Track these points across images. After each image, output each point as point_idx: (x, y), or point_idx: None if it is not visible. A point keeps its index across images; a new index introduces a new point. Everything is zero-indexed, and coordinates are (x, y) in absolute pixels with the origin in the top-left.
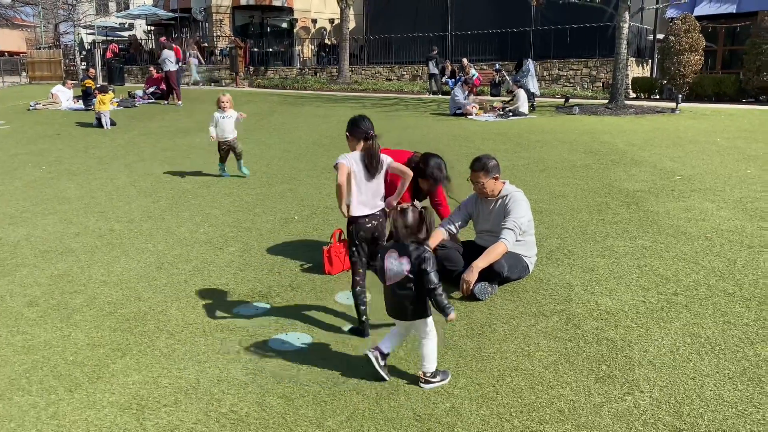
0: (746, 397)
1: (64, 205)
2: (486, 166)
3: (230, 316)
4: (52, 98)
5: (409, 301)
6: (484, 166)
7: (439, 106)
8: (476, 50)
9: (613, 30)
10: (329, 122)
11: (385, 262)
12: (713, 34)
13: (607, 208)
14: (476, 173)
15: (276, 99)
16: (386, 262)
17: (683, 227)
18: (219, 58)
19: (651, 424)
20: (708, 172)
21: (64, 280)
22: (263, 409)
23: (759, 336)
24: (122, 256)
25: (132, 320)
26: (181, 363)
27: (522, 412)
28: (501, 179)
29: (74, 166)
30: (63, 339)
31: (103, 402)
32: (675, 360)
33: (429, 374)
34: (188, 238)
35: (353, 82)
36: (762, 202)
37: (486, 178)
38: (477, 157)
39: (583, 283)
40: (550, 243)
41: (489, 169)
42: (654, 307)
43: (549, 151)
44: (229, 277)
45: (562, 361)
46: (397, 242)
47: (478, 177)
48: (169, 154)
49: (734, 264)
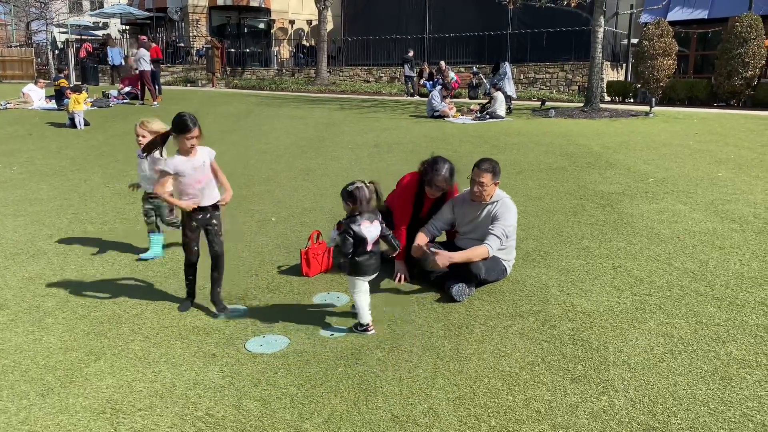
0: (718, 396)
1: (35, 206)
2: (495, 169)
3: (206, 319)
4: (23, 97)
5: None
6: (494, 168)
7: (417, 108)
8: (454, 53)
9: (589, 34)
10: (307, 124)
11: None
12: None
13: (583, 210)
14: (484, 173)
15: (253, 100)
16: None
17: (657, 229)
18: (195, 59)
19: (625, 423)
20: (681, 174)
21: (36, 282)
22: (240, 413)
23: (730, 335)
24: (96, 259)
25: (106, 323)
26: (156, 366)
27: (499, 413)
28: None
29: (46, 166)
30: (34, 343)
31: (76, 407)
32: (649, 360)
33: (360, 326)
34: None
35: (331, 83)
36: (733, 204)
37: (491, 181)
38: (485, 158)
39: (559, 284)
40: (527, 244)
41: (496, 173)
42: (628, 308)
43: (525, 153)
44: (205, 280)
45: (538, 361)
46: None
47: (483, 177)
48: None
49: (706, 265)
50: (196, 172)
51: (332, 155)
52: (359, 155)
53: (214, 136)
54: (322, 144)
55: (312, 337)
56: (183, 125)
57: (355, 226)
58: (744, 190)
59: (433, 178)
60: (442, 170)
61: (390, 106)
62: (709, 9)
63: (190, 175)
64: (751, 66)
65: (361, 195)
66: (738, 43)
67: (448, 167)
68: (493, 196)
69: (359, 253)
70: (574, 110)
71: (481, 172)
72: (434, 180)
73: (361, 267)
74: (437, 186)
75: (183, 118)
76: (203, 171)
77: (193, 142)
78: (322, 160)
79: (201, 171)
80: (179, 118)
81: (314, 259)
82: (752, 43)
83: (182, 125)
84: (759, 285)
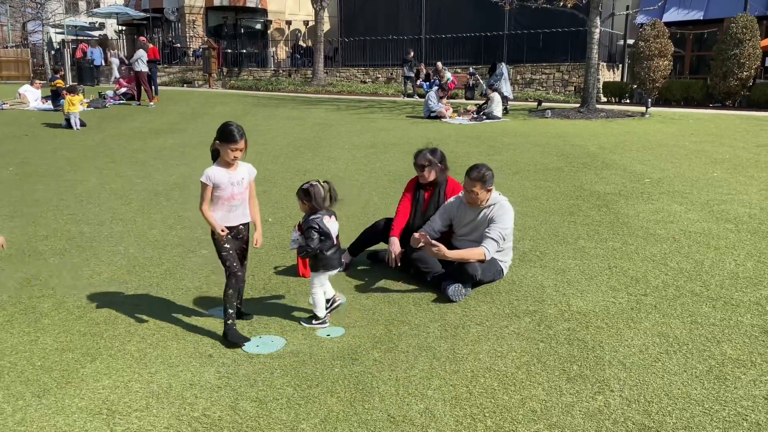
0: (713, 395)
1: (32, 207)
2: (484, 177)
3: (203, 320)
4: (19, 98)
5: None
6: (483, 177)
7: (413, 109)
8: (450, 54)
9: (585, 35)
10: (304, 124)
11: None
12: (681, 40)
13: (579, 210)
14: (473, 182)
15: (250, 100)
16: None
17: (652, 229)
18: (192, 59)
19: (621, 422)
20: (676, 175)
21: (32, 283)
22: (236, 413)
23: (725, 335)
24: (92, 259)
25: (102, 324)
26: (153, 367)
27: (495, 413)
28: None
29: (42, 167)
30: (31, 344)
31: (72, 407)
32: (644, 359)
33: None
34: (160, 241)
35: (328, 84)
36: (728, 204)
37: (482, 189)
38: (475, 165)
39: (555, 284)
40: (523, 245)
41: (486, 181)
42: (624, 308)
43: (522, 154)
44: (201, 280)
45: (534, 361)
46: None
47: (474, 186)
48: (140, 156)
49: (701, 265)
50: (233, 187)
51: (329, 156)
52: (356, 156)
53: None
54: (318, 145)
55: (308, 338)
56: (228, 135)
57: (319, 221)
58: (739, 191)
59: (415, 159)
60: (422, 151)
61: (387, 107)
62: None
63: (226, 189)
64: (746, 67)
65: (316, 192)
66: (733, 44)
67: (430, 149)
68: (489, 200)
69: (327, 248)
70: (571, 111)
71: (471, 182)
72: (416, 160)
73: (330, 261)
74: (419, 165)
75: (229, 127)
76: (240, 187)
77: (237, 155)
78: (318, 161)
79: (238, 186)
80: (225, 126)
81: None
82: (747, 44)
83: (227, 134)
84: (754, 285)
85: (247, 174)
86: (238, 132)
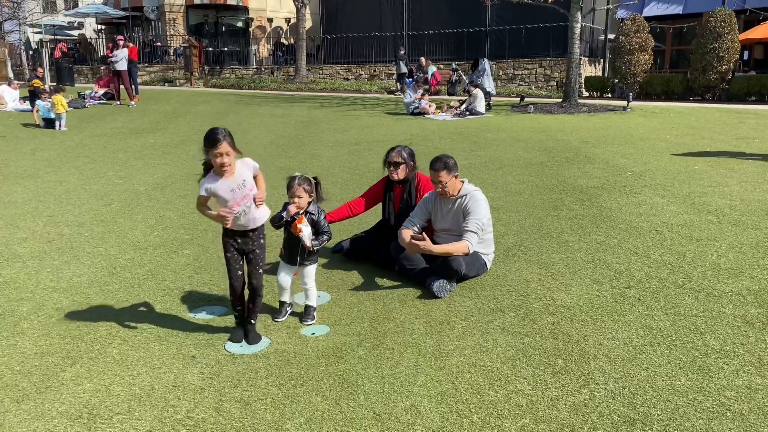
0: (696, 386)
1: (10, 209)
2: (447, 165)
3: (186, 320)
4: None
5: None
6: (446, 164)
7: (396, 106)
8: (433, 50)
9: (566, 30)
10: (286, 122)
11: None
12: (661, 35)
13: (562, 204)
14: (438, 173)
15: (232, 99)
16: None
17: (635, 222)
18: (173, 58)
19: (606, 415)
20: (658, 168)
21: (10, 287)
22: (220, 414)
23: (708, 326)
24: (72, 262)
25: (83, 327)
26: (135, 369)
27: (481, 408)
28: (460, 178)
29: (21, 168)
30: (9, 348)
31: (52, 412)
32: (629, 352)
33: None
34: (142, 242)
35: (310, 81)
36: (709, 196)
37: (448, 177)
38: (436, 157)
39: (540, 278)
40: (507, 240)
41: (450, 168)
42: (608, 301)
43: (505, 149)
44: (184, 281)
45: (519, 356)
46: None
47: (439, 176)
48: (121, 156)
49: (684, 257)
50: (235, 194)
51: (312, 153)
52: (339, 153)
53: (193, 135)
54: (302, 142)
55: (293, 337)
56: (207, 139)
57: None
58: (720, 183)
59: (387, 156)
60: (394, 149)
61: (370, 104)
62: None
63: (230, 198)
64: (725, 60)
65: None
66: (712, 38)
67: (401, 147)
68: (460, 190)
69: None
70: (553, 106)
71: (435, 173)
72: (389, 157)
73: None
74: (394, 162)
75: (211, 131)
76: (243, 190)
77: (224, 160)
78: (302, 158)
79: (241, 192)
80: (208, 131)
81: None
82: (726, 38)
83: (207, 139)
84: (735, 276)
85: (246, 173)
86: (221, 134)
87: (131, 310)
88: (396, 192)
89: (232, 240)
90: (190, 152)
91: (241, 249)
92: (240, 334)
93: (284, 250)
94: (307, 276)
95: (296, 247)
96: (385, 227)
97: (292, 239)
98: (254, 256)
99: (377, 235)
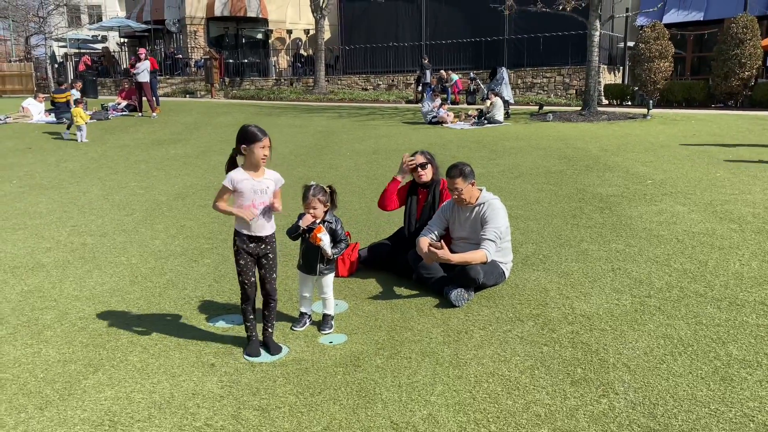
0: (718, 397)
1: (35, 219)
2: (463, 172)
3: (205, 329)
4: (23, 111)
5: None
6: (462, 171)
7: (414, 115)
8: (451, 59)
9: (585, 38)
10: (306, 132)
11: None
12: (682, 41)
13: (581, 213)
14: (454, 180)
15: (252, 110)
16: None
17: (655, 230)
18: (194, 70)
19: (626, 425)
20: (679, 176)
21: (35, 295)
22: (239, 422)
23: (730, 336)
24: (95, 271)
25: (104, 335)
26: (155, 377)
27: (499, 418)
28: (477, 186)
29: (46, 180)
30: (33, 356)
31: (75, 419)
32: (649, 362)
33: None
34: (163, 251)
35: (329, 92)
36: (731, 204)
37: (464, 184)
38: (452, 164)
39: (559, 287)
40: (526, 248)
41: (466, 175)
42: (628, 310)
43: (524, 157)
44: (204, 290)
45: (538, 365)
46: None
47: (455, 184)
48: (143, 167)
49: (705, 266)
50: (255, 195)
51: (331, 163)
52: (358, 162)
53: (215, 146)
54: (321, 152)
55: (311, 345)
56: (252, 135)
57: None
58: (742, 190)
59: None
60: (418, 151)
61: (388, 113)
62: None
63: (248, 197)
64: (747, 66)
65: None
66: (734, 44)
67: (421, 150)
68: (478, 199)
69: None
70: (572, 114)
71: (451, 180)
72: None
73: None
74: (420, 163)
75: (250, 128)
76: (264, 196)
77: (267, 153)
78: (321, 168)
79: (261, 196)
80: (246, 129)
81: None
82: (748, 44)
83: (251, 135)
84: (759, 284)
85: (273, 183)
86: (259, 130)
87: (152, 318)
88: (420, 196)
89: (245, 245)
90: (210, 162)
91: (255, 253)
92: (254, 348)
93: (302, 260)
94: (325, 285)
95: (315, 257)
96: (403, 236)
97: (310, 249)
98: (267, 260)
99: (395, 244)
